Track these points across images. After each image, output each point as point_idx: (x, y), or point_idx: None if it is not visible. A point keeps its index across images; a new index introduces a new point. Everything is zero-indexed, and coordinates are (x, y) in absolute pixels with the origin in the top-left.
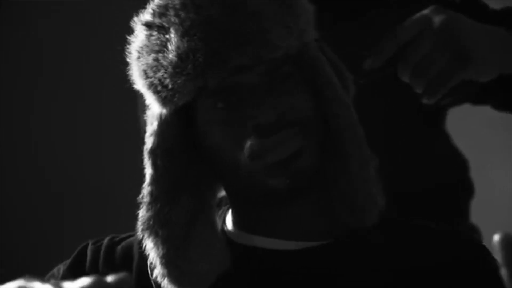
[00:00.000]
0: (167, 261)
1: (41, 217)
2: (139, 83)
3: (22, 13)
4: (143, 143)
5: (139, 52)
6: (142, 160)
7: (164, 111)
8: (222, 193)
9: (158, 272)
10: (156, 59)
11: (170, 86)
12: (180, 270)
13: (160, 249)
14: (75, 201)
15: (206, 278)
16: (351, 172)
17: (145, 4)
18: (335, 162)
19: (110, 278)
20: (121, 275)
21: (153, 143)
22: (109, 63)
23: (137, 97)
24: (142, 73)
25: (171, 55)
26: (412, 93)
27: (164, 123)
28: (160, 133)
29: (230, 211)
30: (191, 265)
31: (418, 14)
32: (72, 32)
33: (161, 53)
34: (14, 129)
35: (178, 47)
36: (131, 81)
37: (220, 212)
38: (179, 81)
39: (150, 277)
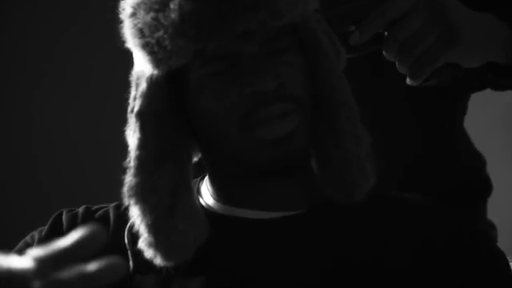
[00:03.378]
0: (156, 231)
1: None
2: (132, 42)
3: (22, 13)
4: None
5: (134, 9)
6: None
7: (156, 72)
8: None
9: (145, 241)
10: (156, 18)
11: (169, 47)
12: (170, 240)
13: (148, 217)
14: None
15: (191, 248)
16: (345, 148)
17: None
18: (328, 137)
19: (81, 234)
20: (93, 228)
21: (141, 105)
22: (104, 61)
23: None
24: (138, 31)
25: (173, 15)
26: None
27: (154, 85)
28: (150, 95)
29: (204, 182)
30: (180, 235)
31: None
32: (71, 30)
33: (162, 12)
34: (14, 127)
35: (181, 7)
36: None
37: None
38: (179, 43)
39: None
